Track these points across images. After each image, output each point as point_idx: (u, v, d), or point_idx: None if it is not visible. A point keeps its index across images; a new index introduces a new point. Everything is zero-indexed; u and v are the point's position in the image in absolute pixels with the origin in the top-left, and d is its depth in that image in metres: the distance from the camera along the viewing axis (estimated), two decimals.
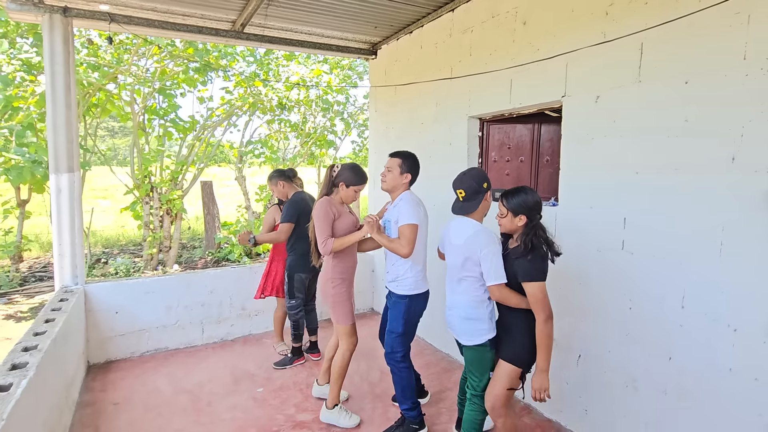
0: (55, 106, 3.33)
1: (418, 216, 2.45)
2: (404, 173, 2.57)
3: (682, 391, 2.15)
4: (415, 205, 2.48)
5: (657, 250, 2.23)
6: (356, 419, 2.74)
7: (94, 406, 2.96)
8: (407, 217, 2.41)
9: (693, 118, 2.06)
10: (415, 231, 2.39)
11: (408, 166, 2.58)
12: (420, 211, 2.50)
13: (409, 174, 2.58)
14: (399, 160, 2.59)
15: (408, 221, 2.40)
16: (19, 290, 6.06)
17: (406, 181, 2.58)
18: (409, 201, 2.50)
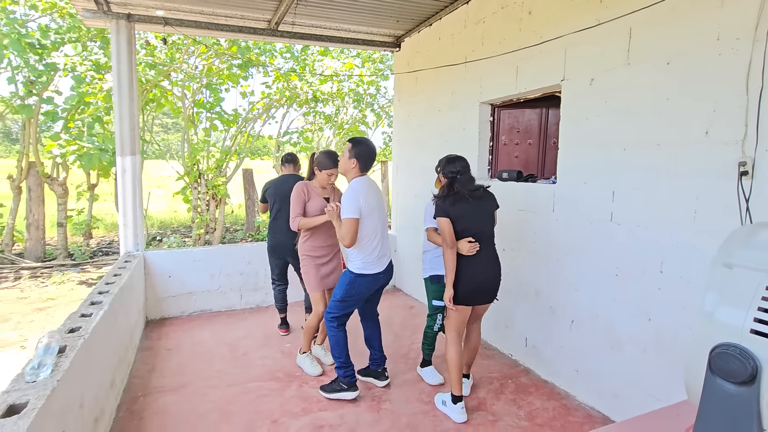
0: (121, 99, 3.92)
1: (358, 207, 2.50)
2: (351, 158, 2.59)
3: (660, 349, 2.33)
4: (354, 197, 2.50)
5: (640, 220, 2.41)
6: (317, 370, 3.10)
7: (151, 350, 3.52)
8: (345, 210, 2.51)
9: (673, 96, 2.22)
10: (353, 224, 2.49)
11: (355, 152, 2.58)
12: (359, 202, 2.51)
13: (355, 160, 2.58)
14: (349, 145, 2.63)
15: (345, 215, 2.50)
16: (90, 262, 6.96)
17: (354, 166, 2.59)
18: (349, 192, 2.54)
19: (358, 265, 2.64)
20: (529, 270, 3.22)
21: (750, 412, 0.92)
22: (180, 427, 2.49)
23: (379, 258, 2.68)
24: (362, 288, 2.69)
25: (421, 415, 2.61)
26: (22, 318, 4.68)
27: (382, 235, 2.71)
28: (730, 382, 0.93)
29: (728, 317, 0.97)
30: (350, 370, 2.75)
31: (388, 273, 2.78)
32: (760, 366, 0.90)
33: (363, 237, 2.59)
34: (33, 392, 1.50)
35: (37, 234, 6.91)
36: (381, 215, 2.71)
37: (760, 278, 0.95)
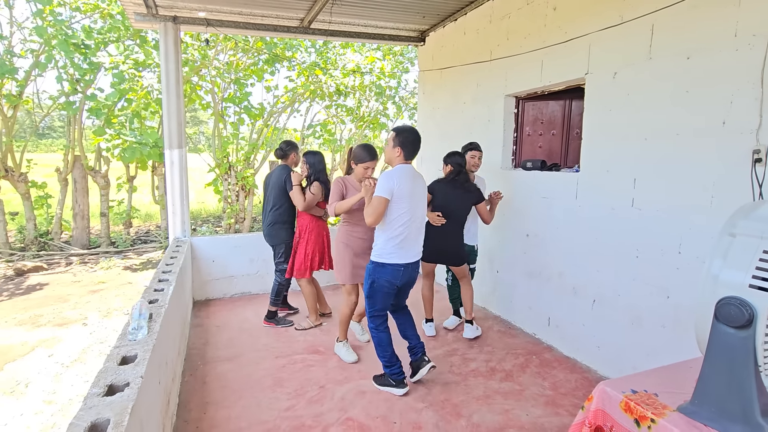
0: (169, 96, 4.23)
1: (390, 190, 2.49)
2: (395, 147, 2.59)
3: (677, 324, 2.52)
4: (389, 178, 2.50)
5: (660, 205, 2.59)
6: (353, 357, 3.14)
7: (202, 327, 3.87)
8: (378, 189, 2.52)
9: (692, 89, 2.38)
10: (381, 203, 2.48)
11: (400, 140, 2.59)
12: (392, 184, 2.49)
13: (399, 148, 2.58)
14: (393, 134, 2.63)
15: (377, 193, 2.51)
16: (131, 249, 7.43)
17: (398, 155, 2.59)
18: (385, 174, 2.55)
19: (378, 251, 2.61)
20: (552, 254, 3.42)
21: (748, 351, 1.14)
22: (239, 389, 2.80)
23: (402, 247, 2.58)
24: (383, 280, 2.61)
25: (454, 384, 2.87)
26: (79, 299, 5.12)
27: (411, 227, 2.59)
28: (731, 327, 1.16)
29: (731, 277, 1.19)
30: (396, 368, 2.73)
31: (409, 269, 2.65)
32: (756, 312, 1.12)
33: (389, 221, 2.56)
34: (139, 347, 1.81)
35: (82, 223, 7.40)
36: (415, 205, 2.59)
37: (758, 244, 1.16)
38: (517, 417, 2.50)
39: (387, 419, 2.49)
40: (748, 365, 1.15)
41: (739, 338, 1.14)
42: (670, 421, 1.24)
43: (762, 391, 1.15)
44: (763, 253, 1.15)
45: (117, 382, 1.57)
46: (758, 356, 1.14)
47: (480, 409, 2.58)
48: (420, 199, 2.65)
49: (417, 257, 2.69)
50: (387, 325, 2.76)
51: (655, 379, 1.47)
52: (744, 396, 1.16)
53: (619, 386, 1.41)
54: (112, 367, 1.67)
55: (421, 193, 2.67)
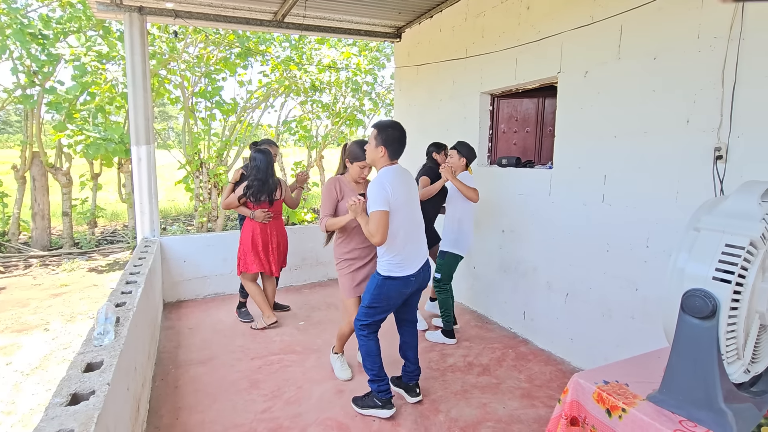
0: (135, 90, 4.05)
1: (386, 200, 2.22)
2: (378, 146, 2.32)
3: (645, 315, 2.62)
4: (381, 187, 2.23)
5: (629, 201, 2.68)
6: (347, 374, 2.89)
7: (173, 329, 3.74)
8: (371, 202, 2.23)
9: (659, 88, 2.47)
10: (382, 218, 2.20)
11: (382, 138, 2.31)
12: (387, 192, 2.23)
13: (383, 147, 2.31)
14: (374, 131, 2.35)
15: (372, 208, 2.22)
16: (96, 250, 7.11)
17: (382, 155, 2.33)
18: (375, 181, 2.27)
19: (385, 267, 2.35)
20: (527, 249, 3.49)
21: (712, 340, 1.19)
22: (214, 392, 2.73)
23: (409, 258, 2.36)
24: (391, 293, 2.38)
25: (432, 380, 2.89)
26: (40, 303, 4.86)
27: (413, 233, 2.39)
28: (696, 318, 1.20)
29: (696, 270, 1.24)
30: (384, 384, 2.46)
31: (420, 275, 2.43)
32: (718, 303, 1.17)
33: (391, 233, 2.27)
34: (105, 353, 1.72)
35: (42, 223, 7.02)
36: (411, 209, 2.40)
37: (720, 238, 1.21)
38: (494, 410, 2.54)
39: (366, 417, 2.48)
40: (711, 354, 1.20)
41: (703, 328, 1.19)
42: (640, 410, 1.28)
43: (724, 378, 1.20)
44: (726, 247, 1.20)
45: (82, 391, 1.49)
46: (721, 345, 1.19)
47: (458, 403, 2.61)
48: (415, 200, 2.46)
49: (424, 260, 2.47)
50: (376, 335, 2.51)
51: (626, 369, 1.52)
52: (708, 383, 1.21)
53: (592, 377, 1.45)
54: (76, 374, 1.59)
55: (415, 192, 2.47)
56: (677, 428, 1.20)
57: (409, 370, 2.64)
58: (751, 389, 1.35)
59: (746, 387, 1.34)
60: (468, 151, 3.36)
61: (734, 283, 1.15)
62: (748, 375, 1.28)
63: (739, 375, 1.24)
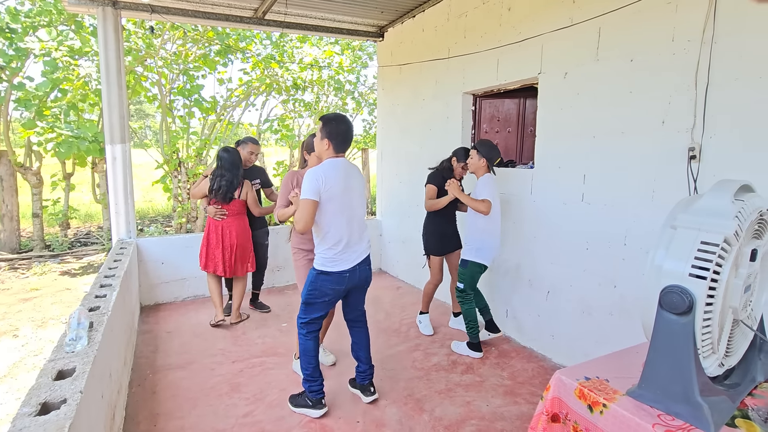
0: (109, 87, 3.92)
1: (316, 190, 2.20)
2: (323, 138, 2.29)
3: (623, 312, 2.68)
4: (314, 178, 2.21)
5: (607, 200, 2.73)
6: (330, 359, 3.08)
7: (151, 333, 3.64)
8: (303, 191, 2.23)
9: (635, 90, 2.53)
10: (307, 207, 2.19)
11: (326, 131, 2.28)
12: (318, 183, 2.20)
13: (327, 140, 2.28)
14: (320, 124, 2.32)
15: (302, 196, 2.23)
16: (69, 252, 6.85)
17: (327, 148, 2.30)
18: (309, 172, 2.25)
19: (319, 260, 2.34)
20: (510, 247, 3.53)
21: (688, 335, 1.22)
22: (193, 397, 2.66)
23: (345, 253, 2.33)
24: (326, 288, 2.34)
25: (416, 379, 2.89)
26: (9, 308, 4.65)
27: (349, 228, 2.33)
28: (673, 314, 1.22)
29: (673, 266, 1.26)
30: (316, 385, 2.46)
31: (356, 273, 2.38)
32: (695, 299, 1.19)
33: (323, 225, 2.28)
34: (78, 359, 1.65)
35: (11, 225, 6.73)
36: (349, 204, 2.32)
37: (696, 235, 1.24)
38: (477, 408, 2.56)
39: (350, 419, 2.46)
40: (688, 349, 1.22)
41: (680, 324, 1.22)
42: (620, 405, 1.30)
43: (700, 373, 1.23)
44: (701, 244, 1.22)
45: (52, 399, 1.43)
46: (697, 340, 1.21)
47: (442, 402, 2.61)
48: (357, 195, 2.39)
49: (363, 256, 2.42)
50: (318, 334, 2.49)
51: (606, 365, 1.55)
52: (685, 377, 1.24)
53: (574, 374, 1.47)
54: (46, 382, 1.52)
55: (358, 188, 2.40)
56: (656, 422, 1.23)
57: (361, 370, 2.62)
58: (725, 382, 1.39)
59: (720, 380, 1.38)
60: (488, 150, 3.06)
61: (709, 279, 1.18)
62: (722, 368, 1.32)
63: (714, 369, 1.27)
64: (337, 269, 2.33)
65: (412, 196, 4.72)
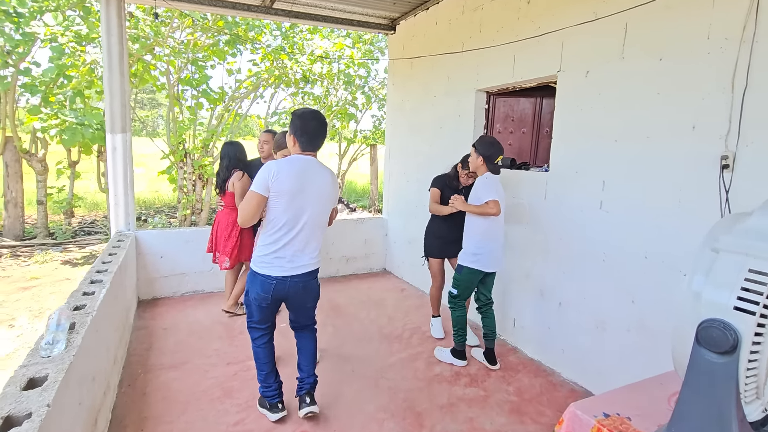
0: (111, 74, 3.81)
1: (264, 184, 2.07)
2: (290, 134, 2.21)
3: (642, 329, 2.51)
4: (266, 171, 2.08)
5: (628, 209, 2.55)
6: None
7: (146, 330, 3.54)
8: (253, 182, 2.12)
9: (664, 91, 2.34)
10: (252, 200, 2.07)
11: (292, 128, 2.18)
12: (268, 178, 2.07)
13: (293, 137, 2.18)
14: (292, 117, 2.21)
15: (251, 187, 2.11)
16: (72, 241, 6.82)
17: (294, 144, 2.20)
18: (266, 165, 2.12)
19: (254, 256, 2.20)
20: (520, 254, 3.36)
21: (730, 377, 1.05)
22: (184, 401, 2.55)
23: (278, 258, 2.13)
24: (257, 290, 2.17)
25: (417, 391, 2.75)
26: (7, 297, 4.60)
27: (296, 232, 2.13)
28: (714, 352, 1.06)
29: (714, 296, 1.09)
30: (270, 391, 2.37)
31: (287, 284, 2.15)
32: (740, 338, 1.02)
33: (267, 221, 2.16)
34: (52, 366, 1.54)
35: (15, 212, 6.70)
36: (301, 206, 2.12)
37: (743, 261, 1.07)
38: (481, 426, 2.41)
39: (344, 430, 2.33)
40: (728, 392, 1.06)
41: (721, 364, 1.05)
42: None
43: (743, 420, 1.07)
44: (749, 272, 1.06)
45: (17, 413, 1.31)
46: (740, 383, 1.05)
47: (443, 418, 2.47)
48: (317, 199, 2.16)
49: (303, 270, 2.18)
50: (267, 339, 2.35)
51: (627, 399, 1.39)
52: (723, 423, 1.08)
53: (591, 409, 1.32)
54: (13, 392, 1.40)
55: (320, 192, 2.17)
56: None
57: (299, 378, 2.44)
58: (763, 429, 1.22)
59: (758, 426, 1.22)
60: (487, 147, 2.84)
61: (758, 314, 1.02)
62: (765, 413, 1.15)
63: (757, 414, 1.11)
64: (264, 272, 2.16)
65: (419, 196, 4.56)
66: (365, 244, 5.36)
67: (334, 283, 4.93)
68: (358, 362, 3.10)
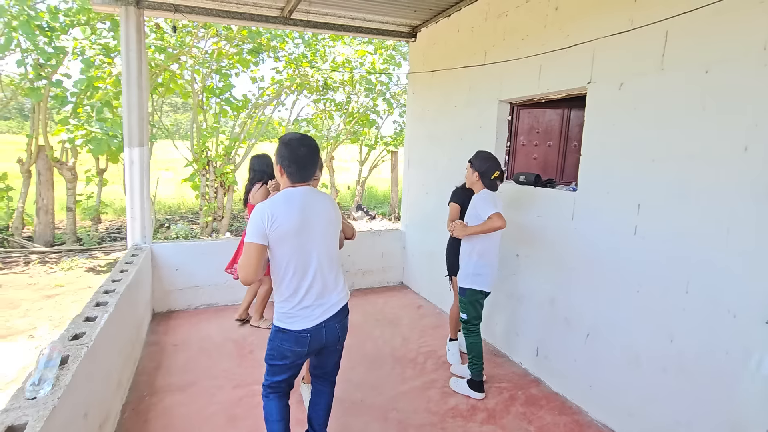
0: (129, 88, 3.82)
1: (261, 231, 1.77)
2: (276, 164, 1.90)
3: (681, 370, 2.24)
4: (258, 216, 1.78)
5: (667, 236, 2.29)
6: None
7: (158, 345, 3.51)
8: (246, 232, 1.81)
9: (710, 107, 2.08)
10: (252, 252, 1.76)
11: (278, 157, 1.88)
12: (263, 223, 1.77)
13: (280, 167, 1.88)
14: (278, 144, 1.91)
15: (246, 239, 1.80)
16: (98, 247, 6.99)
17: (282, 176, 1.89)
18: (255, 209, 1.80)
19: (276, 315, 1.91)
20: (544, 278, 3.12)
21: None
22: (186, 429, 2.47)
23: (304, 307, 1.85)
24: (285, 349, 1.89)
25: (429, 427, 2.56)
26: (31, 305, 4.71)
27: (313, 273, 1.86)
28: None
29: None
30: None
31: (323, 332, 1.90)
32: None
33: (277, 271, 1.85)
34: (32, 411, 1.46)
35: (46, 218, 6.94)
36: (309, 243, 1.84)
37: None
38: None
39: None
40: None
41: None
42: None
43: None
44: None
45: None
46: None
47: None
48: (323, 231, 1.89)
49: (335, 309, 1.93)
50: (282, 394, 2.03)
51: None
52: None
53: None
54: None
55: (324, 222, 1.90)
56: None
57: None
58: None
59: None
60: (481, 162, 2.75)
61: None
62: None
63: None
64: (295, 327, 1.85)
65: (438, 209, 4.37)
66: (382, 257, 5.21)
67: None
68: (368, 389, 2.94)
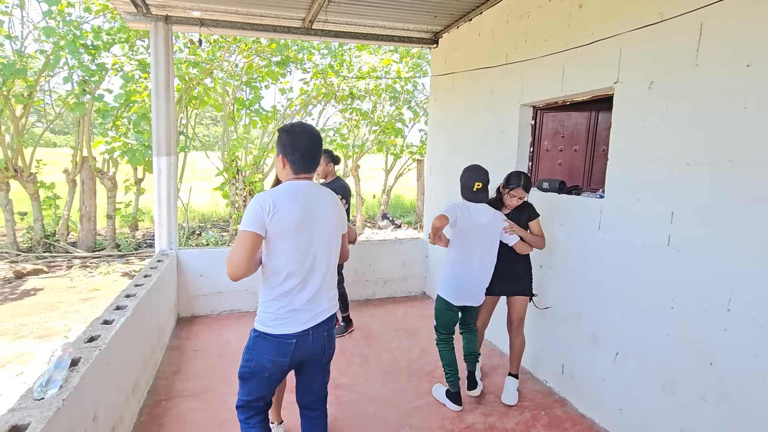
0: (158, 100, 3.98)
1: (259, 220, 1.61)
2: (278, 155, 1.78)
3: (722, 398, 2.01)
4: (255, 204, 1.63)
5: (705, 248, 2.08)
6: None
7: (179, 350, 3.58)
8: (242, 220, 1.65)
9: (753, 106, 1.88)
10: (246, 242, 1.58)
11: (280, 146, 1.76)
12: (261, 212, 1.61)
13: (282, 157, 1.76)
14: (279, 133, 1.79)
15: (240, 227, 1.64)
16: (134, 253, 7.33)
17: (283, 167, 1.77)
18: (258, 198, 1.67)
19: (259, 316, 1.73)
20: (569, 291, 2.94)
21: None
22: None
23: (294, 309, 1.69)
24: (263, 359, 1.70)
25: None
26: (69, 307, 4.96)
27: (311, 274, 1.72)
28: None
29: None
30: None
31: (309, 339, 1.72)
32: None
33: (271, 267, 1.69)
34: (37, 412, 1.49)
35: (89, 225, 7.35)
36: (310, 241, 1.70)
37: None
38: None
39: None
40: None
41: None
42: None
43: None
44: None
45: None
46: None
47: None
48: (325, 231, 1.75)
49: (323, 316, 1.77)
50: (263, 417, 1.85)
51: None
52: None
53: None
54: None
55: (328, 221, 1.76)
56: None
57: None
58: None
59: None
60: (462, 174, 2.76)
61: None
62: None
63: None
64: (280, 331, 1.68)
65: None
66: (404, 266, 5.13)
67: (369, 306, 4.74)
68: (381, 402, 2.85)
